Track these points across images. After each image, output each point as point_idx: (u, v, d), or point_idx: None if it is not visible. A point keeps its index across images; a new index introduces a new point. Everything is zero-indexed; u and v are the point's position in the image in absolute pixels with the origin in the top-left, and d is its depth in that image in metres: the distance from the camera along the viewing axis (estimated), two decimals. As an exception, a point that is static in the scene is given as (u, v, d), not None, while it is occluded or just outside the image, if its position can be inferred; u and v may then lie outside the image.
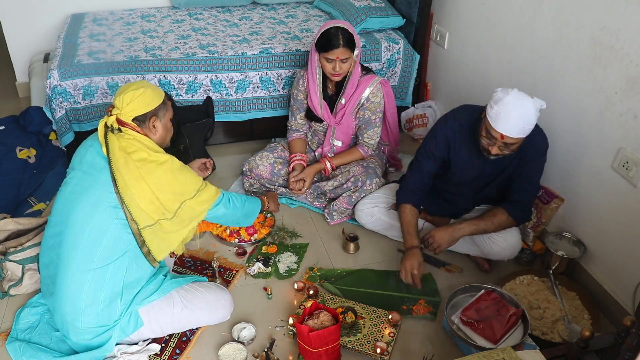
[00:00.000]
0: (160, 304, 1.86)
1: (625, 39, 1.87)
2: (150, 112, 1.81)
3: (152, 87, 1.85)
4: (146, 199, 1.74)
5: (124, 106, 1.77)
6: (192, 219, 1.89)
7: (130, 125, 1.79)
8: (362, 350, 1.90)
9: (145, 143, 1.79)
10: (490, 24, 2.63)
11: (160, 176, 1.77)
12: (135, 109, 1.78)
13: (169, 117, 1.91)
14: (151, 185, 1.74)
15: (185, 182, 1.84)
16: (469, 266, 2.34)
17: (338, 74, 2.40)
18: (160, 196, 1.76)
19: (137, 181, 1.72)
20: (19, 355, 1.83)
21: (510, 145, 1.91)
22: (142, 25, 3.25)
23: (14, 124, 2.98)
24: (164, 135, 1.90)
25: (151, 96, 1.81)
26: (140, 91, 1.78)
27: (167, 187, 1.78)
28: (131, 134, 1.78)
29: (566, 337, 1.93)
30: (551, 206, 2.31)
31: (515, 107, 1.82)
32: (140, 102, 1.78)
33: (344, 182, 2.55)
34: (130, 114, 1.78)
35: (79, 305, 1.74)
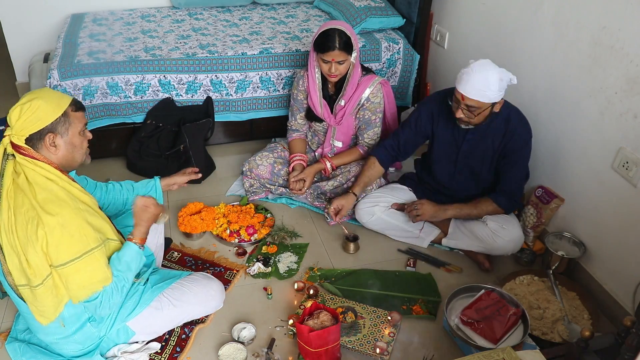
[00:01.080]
0: (148, 312, 1.81)
1: (625, 39, 1.87)
2: (46, 129, 1.53)
3: (49, 98, 1.55)
4: (15, 255, 1.52)
5: (13, 124, 1.51)
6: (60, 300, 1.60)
7: (23, 149, 1.52)
8: (362, 350, 1.90)
9: (37, 178, 1.52)
10: (490, 24, 2.64)
11: (30, 232, 1.48)
12: (25, 126, 1.51)
13: (76, 132, 1.60)
14: (20, 241, 1.50)
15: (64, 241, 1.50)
16: (469, 266, 2.34)
17: (334, 75, 2.41)
18: (29, 256, 1.51)
19: (11, 232, 1.51)
20: (19, 355, 1.83)
21: (472, 109, 2.01)
22: (142, 25, 3.25)
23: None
24: (70, 154, 1.60)
25: (44, 109, 1.51)
26: (28, 105, 1.50)
27: (36, 246, 1.49)
28: (21, 164, 1.52)
29: (566, 337, 1.93)
30: (551, 206, 2.31)
31: (478, 71, 1.95)
32: (30, 118, 1.50)
33: (344, 182, 2.55)
34: (21, 134, 1.51)
35: (54, 340, 1.71)
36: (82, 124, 1.64)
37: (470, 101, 1.99)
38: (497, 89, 1.96)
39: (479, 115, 2.04)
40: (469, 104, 2.00)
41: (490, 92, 1.96)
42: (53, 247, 1.51)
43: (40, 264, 1.53)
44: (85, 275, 1.56)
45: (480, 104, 1.99)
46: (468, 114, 2.04)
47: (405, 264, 2.33)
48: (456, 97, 2.04)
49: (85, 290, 1.58)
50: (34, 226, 1.49)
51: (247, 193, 2.69)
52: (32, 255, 1.51)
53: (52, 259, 1.53)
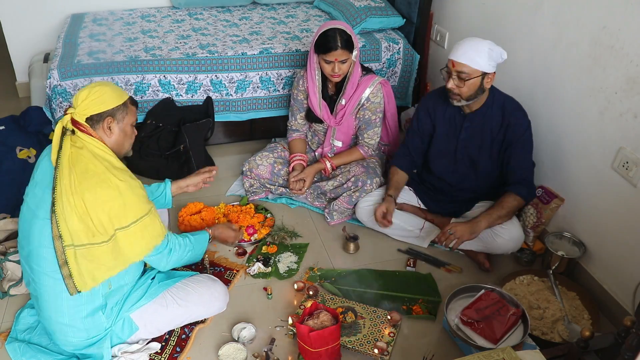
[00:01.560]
0: (153, 307, 1.84)
1: (625, 39, 1.87)
2: (107, 112, 1.69)
3: (114, 88, 1.74)
4: (76, 215, 1.59)
5: (78, 103, 1.67)
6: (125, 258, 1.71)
7: (83, 126, 1.67)
8: (362, 350, 1.90)
9: (96, 152, 1.66)
10: (490, 24, 2.63)
11: (100, 193, 1.60)
12: (90, 106, 1.66)
13: (129, 122, 1.78)
14: (86, 202, 1.59)
15: (126, 205, 1.65)
16: (469, 266, 2.34)
17: (337, 75, 2.41)
18: (93, 215, 1.60)
19: (72, 195, 1.58)
20: (19, 355, 1.83)
21: (462, 76, 2.04)
22: (142, 25, 3.25)
23: (14, 124, 2.97)
24: (121, 140, 1.77)
25: (109, 95, 1.70)
26: (97, 89, 1.68)
27: (104, 206, 1.61)
28: (82, 139, 1.66)
29: (566, 337, 1.93)
30: (551, 206, 2.31)
31: (469, 40, 2.05)
32: (96, 100, 1.67)
33: (344, 182, 2.55)
34: (84, 112, 1.66)
35: (64, 322, 1.71)
36: (135, 118, 1.82)
37: (460, 66, 2.03)
38: (487, 58, 2.02)
39: (468, 84, 2.05)
40: (459, 70, 2.04)
41: (480, 59, 2.01)
42: (122, 208, 1.64)
43: (107, 223, 1.63)
44: (147, 232, 1.72)
45: (470, 70, 2.03)
46: (459, 83, 2.07)
47: (405, 264, 2.33)
48: (448, 67, 2.08)
49: (148, 244, 1.74)
50: (103, 189, 1.61)
51: (247, 193, 2.69)
52: (100, 215, 1.61)
53: (120, 220, 1.65)
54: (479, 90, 2.09)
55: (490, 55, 2.02)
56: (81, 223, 1.60)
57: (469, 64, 2.02)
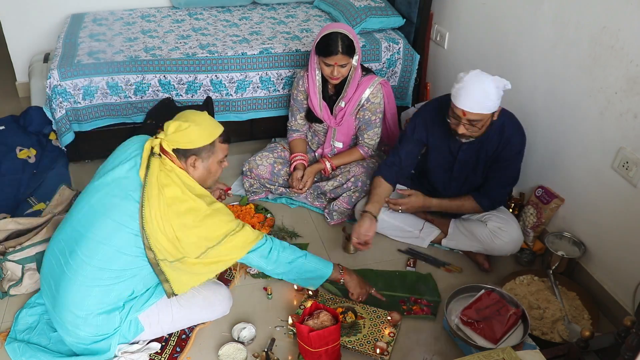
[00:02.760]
0: (158, 307, 1.84)
1: (625, 39, 1.87)
2: (192, 150, 1.73)
3: (205, 126, 1.74)
4: (166, 238, 1.67)
5: (168, 134, 1.71)
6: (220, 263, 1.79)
7: (170, 155, 1.72)
8: (362, 350, 1.90)
9: (183, 179, 1.72)
10: (490, 24, 2.63)
11: (188, 220, 1.68)
12: (178, 141, 1.71)
13: (216, 160, 1.81)
14: (175, 227, 1.67)
15: (214, 227, 1.73)
16: (469, 266, 2.34)
17: (336, 78, 2.41)
18: (182, 239, 1.69)
19: (162, 219, 1.65)
20: (18, 355, 1.83)
21: (474, 123, 1.98)
22: (142, 25, 3.25)
23: (14, 124, 2.98)
24: (205, 177, 1.81)
25: (197, 134, 1.71)
26: (187, 125, 1.69)
27: (193, 231, 1.70)
28: (169, 165, 1.72)
29: (566, 337, 1.93)
30: (551, 206, 2.31)
31: (474, 84, 1.92)
32: (184, 137, 1.70)
33: (344, 182, 2.55)
34: (172, 144, 1.71)
35: (80, 314, 1.72)
36: (224, 154, 1.84)
37: (473, 115, 1.95)
38: (496, 98, 1.94)
39: (481, 128, 2.01)
40: (471, 119, 1.96)
41: (490, 102, 1.93)
42: (209, 232, 1.71)
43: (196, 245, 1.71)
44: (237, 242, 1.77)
45: (482, 117, 1.96)
46: (471, 129, 2.00)
47: (405, 264, 2.33)
48: (456, 114, 1.99)
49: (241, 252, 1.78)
50: (191, 216, 1.68)
51: (247, 193, 2.69)
52: (188, 239, 1.69)
53: (209, 241, 1.72)
54: (489, 126, 2.04)
55: (498, 93, 1.94)
56: (170, 244, 1.68)
57: (482, 111, 1.94)
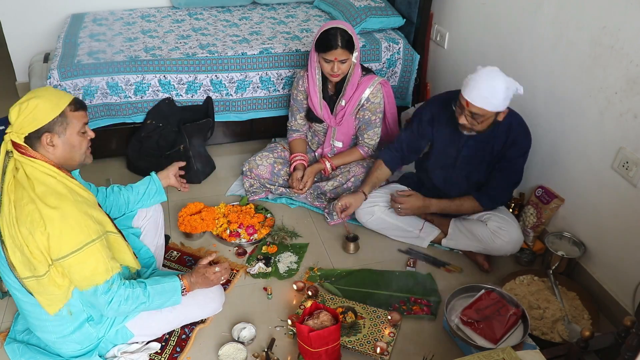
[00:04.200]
0: (147, 314, 1.80)
1: (625, 39, 1.87)
2: (42, 129, 1.52)
3: (48, 97, 1.54)
4: (17, 249, 1.53)
5: (12, 122, 1.52)
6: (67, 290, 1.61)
7: (22, 147, 1.53)
8: (362, 350, 1.90)
9: (34, 175, 1.53)
10: (490, 24, 2.63)
11: (30, 225, 1.49)
12: (23, 125, 1.51)
13: (74, 131, 1.58)
14: (22, 234, 1.50)
15: (64, 234, 1.50)
16: (469, 266, 2.34)
17: (336, 74, 2.41)
18: (31, 248, 1.52)
19: (12, 226, 1.51)
20: (18, 356, 1.82)
21: (476, 117, 1.99)
22: (142, 25, 3.25)
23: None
24: (68, 153, 1.59)
25: (41, 108, 1.51)
26: (26, 104, 1.50)
27: (37, 238, 1.50)
28: (19, 160, 1.53)
29: (566, 337, 1.93)
30: (551, 206, 2.31)
31: (485, 78, 1.92)
32: (27, 117, 1.50)
33: (344, 182, 2.55)
34: (20, 132, 1.52)
35: (51, 339, 1.72)
36: (82, 123, 1.62)
37: (475, 108, 1.96)
38: (503, 98, 1.93)
39: (482, 123, 2.02)
40: (473, 111, 1.98)
41: (496, 100, 1.92)
42: (54, 239, 1.50)
43: (43, 254, 1.53)
44: (87, 266, 1.56)
45: (484, 112, 1.96)
46: (471, 121, 2.02)
47: (405, 264, 2.33)
48: (461, 102, 2.01)
49: (88, 281, 1.57)
50: (34, 219, 1.49)
51: (247, 193, 2.69)
52: (34, 247, 1.52)
53: (54, 252, 1.52)
54: (492, 125, 2.05)
55: (506, 95, 1.93)
56: (23, 256, 1.54)
57: (485, 107, 1.94)
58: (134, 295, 1.65)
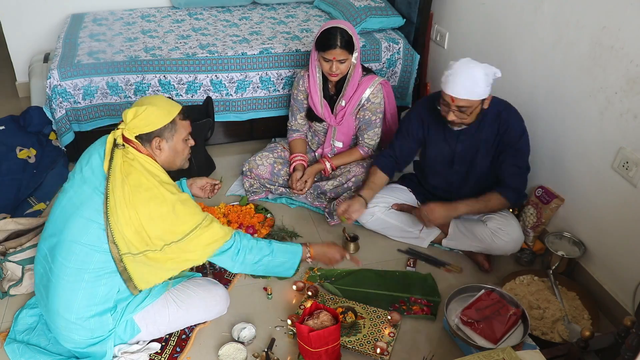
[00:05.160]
0: (155, 308, 1.83)
1: (625, 39, 1.87)
2: (154, 133, 1.71)
3: (161, 105, 1.72)
4: (132, 227, 1.64)
5: (127, 122, 1.69)
6: (186, 261, 1.75)
7: (133, 143, 1.70)
8: (362, 350, 1.90)
9: (147, 166, 1.69)
10: (490, 24, 2.64)
11: (153, 208, 1.64)
12: (138, 126, 1.68)
13: (180, 138, 1.77)
14: (141, 215, 1.63)
15: (180, 218, 1.69)
16: (469, 266, 2.34)
17: (335, 74, 2.41)
18: (148, 229, 1.65)
19: (127, 207, 1.62)
20: (18, 356, 1.83)
21: (464, 110, 2.01)
22: (142, 25, 3.25)
23: (14, 124, 2.97)
24: (172, 157, 1.78)
25: (156, 114, 1.69)
26: (143, 108, 1.68)
27: (158, 221, 1.65)
28: (133, 153, 1.69)
29: (566, 337, 1.93)
30: (551, 206, 2.31)
31: (462, 70, 1.97)
32: (143, 120, 1.68)
33: (345, 182, 2.55)
34: (133, 131, 1.69)
35: (71, 319, 1.72)
36: (187, 131, 1.80)
37: (461, 102, 1.99)
38: (485, 85, 1.98)
39: (471, 115, 2.04)
40: (460, 105, 2.00)
41: (479, 88, 1.97)
42: (175, 222, 1.67)
43: (162, 236, 1.67)
44: (204, 239, 1.73)
45: (471, 103, 2.00)
46: (460, 115, 2.04)
47: (405, 264, 2.33)
48: (445, 100, 2.03)
49: (206, 249, 1.74)
50: (156, 204, 1.64)
51: (247, 193, 2.69)
52: (154, 228, 1.65)
53: (175, 233, 1.68)
54: (480, 114, 2.08)
55: (486, 81, 1.98)
56: (136, 234, 1.64)
57: (470, 97, 1.98)
58: (258, 246, 1.85)
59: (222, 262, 1.82)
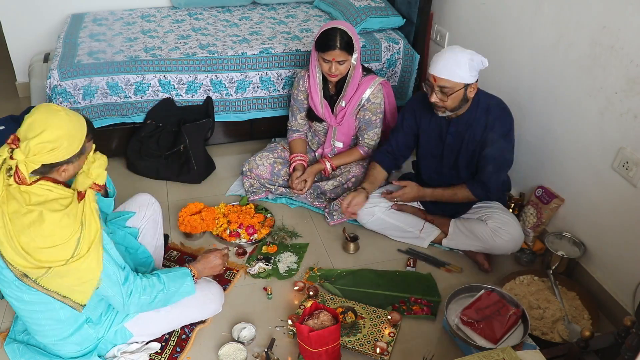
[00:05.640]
0: (146, 314, 1.80)
1: (625, 39, 1.87)
2: (61, 163, 1.51)
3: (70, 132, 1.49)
4: (21, 258, 1.49)
5: (28, 154, 1.44)
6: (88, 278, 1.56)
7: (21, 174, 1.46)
8: (362, 350, 1.90)
9: (29, 189, 1.49)
10: (490, 24, 2.64)
11: (34, 233, 1.47)
12: (41, 161, 1.47)
13: (85, 158, 1.60)
14: (23, 245, 1.47)
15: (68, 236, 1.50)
16: (469, 266, 2.34)
17: (334, 75, 2.41)
18: (36, 256, 1.49)
19: (11, 239, 1.47)
20: (17, 357, 1.82)
21: (445, 91, 2.03)
22: (142, 25, 3.25)
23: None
24: (75, 172, 1.60)
25: (66, 147, 1.48)
26: (51, 144, 1.45)
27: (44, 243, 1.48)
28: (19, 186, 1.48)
29: (566, 337, 1.93)
30: (551, 206, 2.31)
31: (447, 52, 2.02)
32: (50, 156, 1.47)
33: (344, 182, 2.55)
34: (31, 166, 1.46)
35: (51, 342, 1.71)
36: (92, 149, 1.64)
37: (442, 81, 2.01)
38: (468, 69, 1.99)
39: (452, 97, 2.05)
40: (441, 85, 2.02)
41: (461, 71, 1.99)
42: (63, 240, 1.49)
43: (54, 256, 1.50)
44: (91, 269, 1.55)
45: (452, 84, 2.01)
46: (441, 97, 2.06)
47: (405, 264, 2.33)
48: (429, 81, 2.06)
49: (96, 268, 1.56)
50: (37, 226, 1.47)
51: (247, 193, 2.69)
52: (42, 252, 1.49)
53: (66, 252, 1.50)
54: (463, 101, 2.09)
55: (471, 65, 1.99)
56: (29, 263, 1.49)
57: (451, 78, 2.00)
58: (150, 284, 1.69)
59: (114, 299, 1.64)
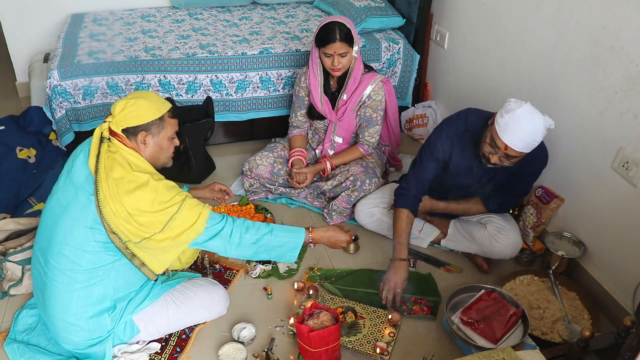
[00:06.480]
0: (154, 309, 1.83)
1: (625, 39, 1.87)
2: (141, 126, 1.70)
3: (152, 100, 1.72)
4: (123, 219, 1.62)
5: (115, 114, 1.68)
6: (186, 233, 1.70)
7: (119, 136, 1.69)
8: (362, 350, 1.90)
9: (129, 159, 1.68)
10: (490, 24, 2.64)
11: (138, 199, 1.62)
12: (126, 119, 1.67)
13: (166, 136, 1.77)
14: (127, 208, 1.61)
15: (166, 200, 1.66)
16: (469, 266, 2.34)
17: (337, 68, 2.41)
18: (137, 219, 1.63)
19: (112, 201, 1.60)
20: (18, 356, 1.82)
21: (511, 158, 1.89)
22: (142, 25, 3.25)
23: (14, 124, 2.98)
24: (157, 154, 1.77)
25: (146, 108, 1.69)
26: (133, 101, 1.68)
27: (145, 209, 1.63)
28: (117, 146, 1.68)
29: (566, 337, 1.93)
30: (551, 206, 2.31)
31: (525, 121, 1.80)
32: (132, 113, 1.67)
33: (343, 181, 2.55)
34: (120, 124, 1.68)
35: (69, 321, 1.71)
36: (174, 130, 1.80)
37: (514, 152, 1.85)
38: (541, 138, 1.85)
39: (514, 161, 1.91)
40: (510, 154, 1.86)
41: (535, 143, 1.84)
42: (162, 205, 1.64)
43: (152, 220, 1.64)
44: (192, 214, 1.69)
45: (522, 155, 1.87)
46: (505, 161, 1.91)
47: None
48: (496, 144, 1.86)
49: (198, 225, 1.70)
50: (139, 191, 1.62)
51: (247, 193, 2.69)
52: (143, 215, 1.62)
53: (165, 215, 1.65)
54: None
55: (544, 134, 1.84)
56: (128, 224, 1.63)
57: (525, 150, 1.84)
58: (255, 225, 1.80)
59: (215, 246, 1.76)
